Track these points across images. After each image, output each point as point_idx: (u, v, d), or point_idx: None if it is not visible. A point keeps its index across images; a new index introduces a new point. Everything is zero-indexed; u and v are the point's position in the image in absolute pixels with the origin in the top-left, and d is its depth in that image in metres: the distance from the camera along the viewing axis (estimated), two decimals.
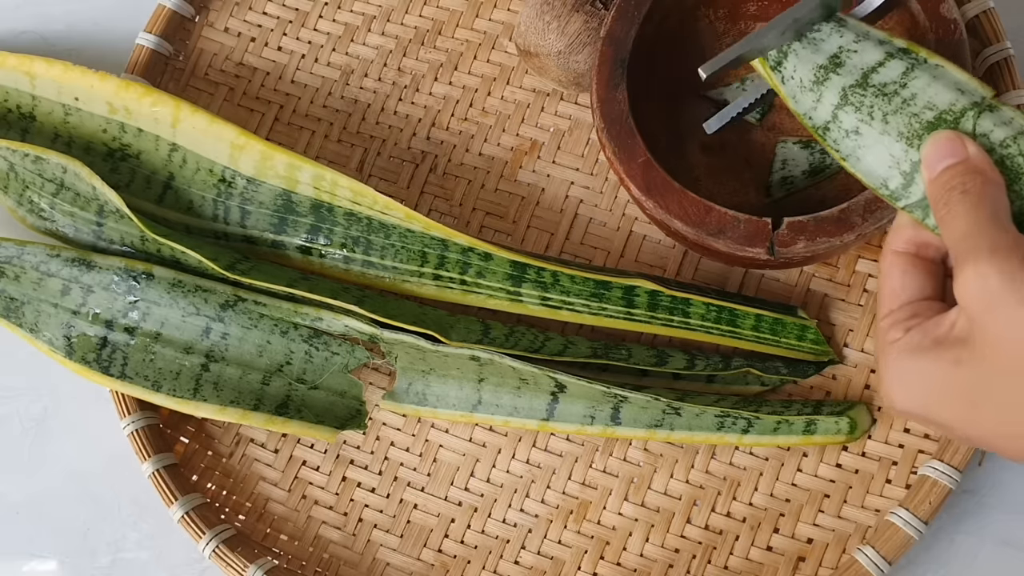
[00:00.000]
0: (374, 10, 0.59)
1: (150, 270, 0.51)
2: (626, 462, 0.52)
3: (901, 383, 0.36)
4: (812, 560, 0.49)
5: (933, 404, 0.35)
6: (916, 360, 0.35)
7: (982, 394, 0.34)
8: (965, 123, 0.37)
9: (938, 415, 0.35)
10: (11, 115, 0.54)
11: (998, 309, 0.32)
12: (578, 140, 0.56)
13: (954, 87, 0.38)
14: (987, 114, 0.36)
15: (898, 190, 0.38)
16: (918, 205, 0.37)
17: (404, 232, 0.51)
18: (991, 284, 0.32)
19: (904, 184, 0.38)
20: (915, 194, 0.37)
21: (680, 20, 0.52)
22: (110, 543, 0.55)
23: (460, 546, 0.52)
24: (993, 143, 0.36)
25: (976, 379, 0.34)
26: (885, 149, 0.38)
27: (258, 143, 0.51)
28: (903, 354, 0.36)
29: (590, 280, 0.50)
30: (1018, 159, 0.36)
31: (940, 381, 0.35)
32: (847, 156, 0.39)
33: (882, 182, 0.38)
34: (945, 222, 0.35)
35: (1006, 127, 0.36)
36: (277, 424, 0.51)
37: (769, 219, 0.44)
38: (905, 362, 0.36)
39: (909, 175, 0.37)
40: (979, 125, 0.36)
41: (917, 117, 0.37)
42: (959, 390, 0.34)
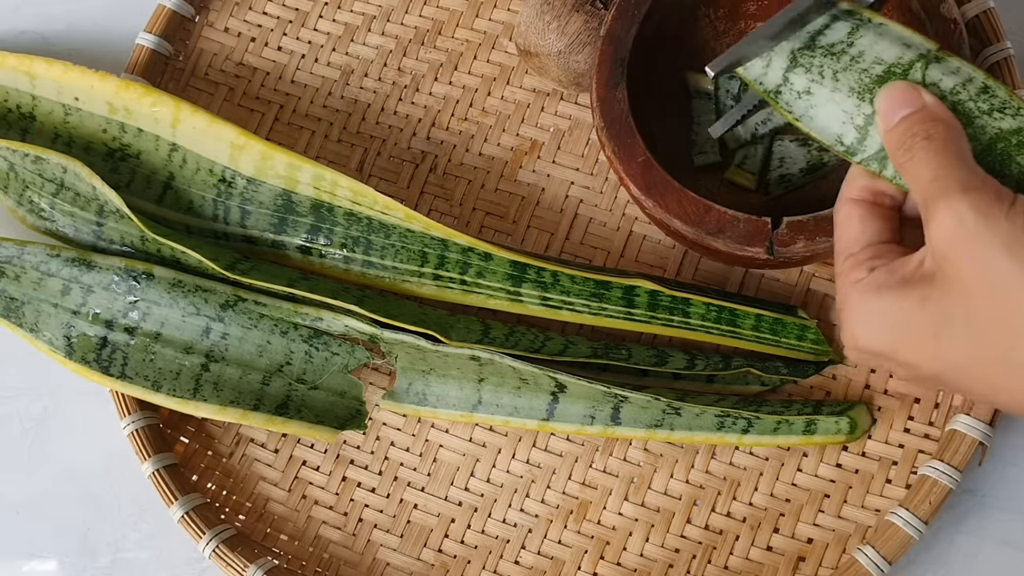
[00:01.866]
0: (374, 10, 0.59)
1: (150, 270, 0.51)
2: (626, 462, 0.52)
3: (865, 322, 0.36)
4: (812, 560, 0.49)
5: (898, 341, 0.35)
6: (881, 298, 0.35)
7: (947, 330, 0.34)
8: (914, 75, 0.37)
9: (903, 353, 0.35)
10: (11, 115, 0.54)
11: (972, 247, 0.33)
12: (578, 140, 0.56)
13: (900, 42, 0.39)
14: (934, 65, 0.37)
15: (854, 144, 0.38)
16: (874, 158, 0.38)
17: (404, 232, 0.51)
18: (966, 222, 0.33)
19: (859, 138, 0.38)
20: (871, 147, 0.38)
21: (680, 20, 0.52)
22: (110, 543, 0.55)
23: (460, 546, 0.52)
24: (944, 91, 0.37)
25: (942, 315, 0.34)
26: (837, 106, 0.39)
27: (258, 143, 0.51)
28: (868, 293, 0.36)
29: (590, 280, 0.50)
30: (969, 104, 0.37)
31: (906, 318, 0.35)
32: (800, 116, 0.40)
33: (837, 138, 0.39)
34: (908, 169, 0.35)
35: (954, 76, 0.37)
36: (277, 424, 0.51)
37: (768, 218, 0.44)
38: (870, 300, 0.36)
39: (863, 128, 0.38)
40: (928, 76, 0.37)
41: (867, 72, 0.38)
42: (925, 327, 0.34)
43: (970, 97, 0.37)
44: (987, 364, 0.33)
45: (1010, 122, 0.37)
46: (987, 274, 0.32)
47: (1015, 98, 0.37)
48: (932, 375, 0.35)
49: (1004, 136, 0.36)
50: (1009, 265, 0.32)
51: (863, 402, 0.51)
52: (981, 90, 0.37)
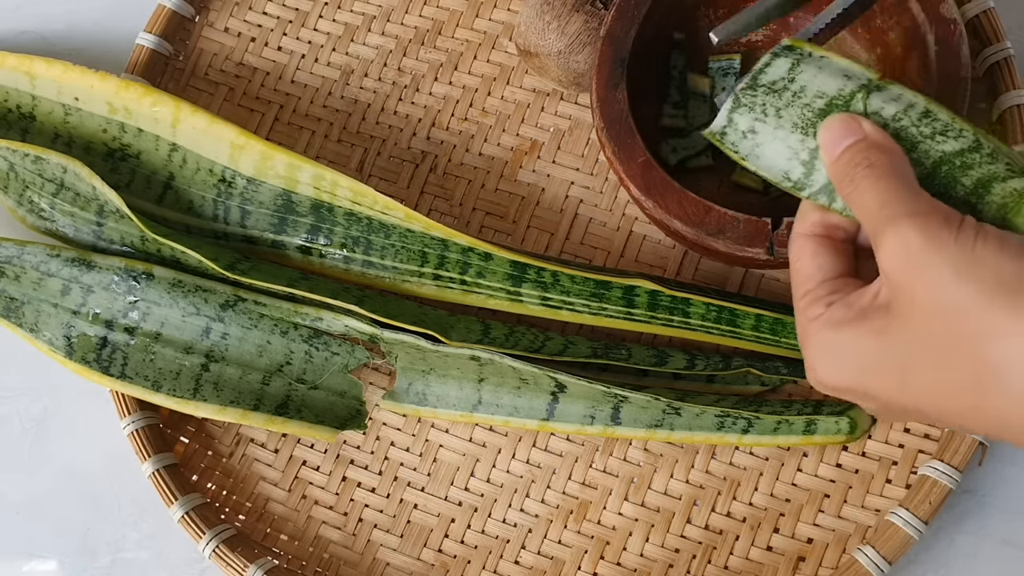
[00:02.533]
0: (374, 10, 0.59)
1: (150, 270, 0.51)
2: (626, 462, 0.52)
3: (828, 358, 0.36)
4: (812, 560, 0.49)
5: (863, 375, 0.35)
6: (841, 333, 0.35)
7: (909, 359, 0.33)
8: (856, 105, 0.38)
9: (868, 386, 0.35)
10: (11, 115, 0.54)
11: (922, 271, 0.32)
12: (578, 140, 0.56)
13: (840, 74, 0.38)
14: (876, 94, 0.37)
15: (801, 179, 0.38)
16: (823, 191, 0.38)
17: (404, 232, 0.51)
18: (913, 247, 0.32)
19: (806, 173, 0.38)
20: (818, 181, 0.38)
21: (680, 20, 0.52)
22: (110, 543, 0.55)
23: (460, 546, 0.52)
24: (886, 119, 0.37)
25: (903, 345, 0.33)
26: (782, 143, 0.39)
27: (258, 143, 0.51)
28: (827, 329, 0.36)
29: (590, 280, 0.50)
30: (912, 129, 0.37)
31: (867, 351, 0.34)
32: (747, 156, 0.40)
33: (784, 175, 0.39)
34: (854, 198, 0.35)
35: (895, 103, 0.37)
36: (277, 424, 0.51)
37: (769, 219, 0.44)
38: (830, 336, 0.35)
39: (810, 163, 0.38)
40: (869, 105, 0.37)
41: (809, 107, 0.38)
42: (886, 359, 0.34)
43: (912, 123, 0.37)
44: (953, 389, 0.33)
45: (953, 144, 0.36)
46: (939, 299, 0.32)
47: (957, 120, 0.37)
48: (901, 407, 0.35)
49: (948, 159, 0.36)
50: (960, 290, 0.32)
51: None
52: (923, 114, 0.37)
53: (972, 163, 0.36)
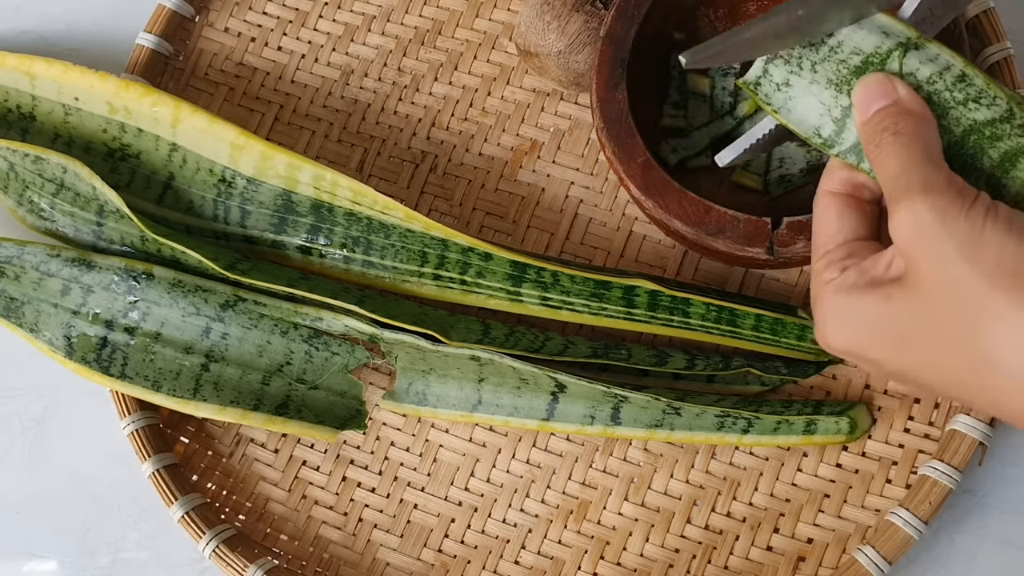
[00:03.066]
0: (374, 10, 0.59)
1: (150, 270, 0.51)
2: (626, 462, 0.52)
3: (835, 321, 0.37)
4: (812, 560, 0.49)
5: (865, 340, 0.36)
6: (850, 298, 0.36)
7: (909, 329, 0.34)
8: (891, 64, 0.37)
9: (869, 351, 0.36)
10: (11, 115, 0.54)
11: (930, 245, 0.33)
12: (578, 140, 0.56)
13: (879, 31, 0.38)
14: (913, 52, 0.37)
15: (831, 137, 0.38)
16: (852, 150, 0.38)
17: (404, 232, 0.51)
18: (924, 221, 0.33)
19: (837, 131, 0.38)
20: (848, 140, 0.38)
21: (680, 20, 0.52)
22: (110, 543, 0.55)
23: (460, 546, 0.52)
24: (920, 80, 0.37)
25: (904, 315, 0.34)
26: (815, 98, 0.38)
27: (258, 143, 0.51)
28: (838, 293, 0.36)
29: (590, 280, 0.50)
30: (944, 94, 0.36)
31: (871, 318, 0.35)
32: (779, 108, 0.39)
33: (815, 130, 0.39)
34: (878, 163, 0.36)
35: (932, 64, 0.37)
36: (277, 424, 0.51)
37: (769, 219, 0.44)
38: (840, 301, 0.36)
39: (841, 121, 0.38)
40: (905, 64, 0.37)
41: (845, 63, 0.38)
42: (888, 326, 0.35)
43: (946, 87, 0.36)
44: (949, 363, 0.33)
45: (985, 113, 0.36)
46: (943, 275, 0.32)
47: (992, 86, 0.36)
48: (899, 373, 0.36)
49: (977, 128, 0.36)
50: (962, 268, 0.32)
51: (863, 402, 0.51)
52: (958, 78, 0.37)
53: (1002, 134, 0.36)
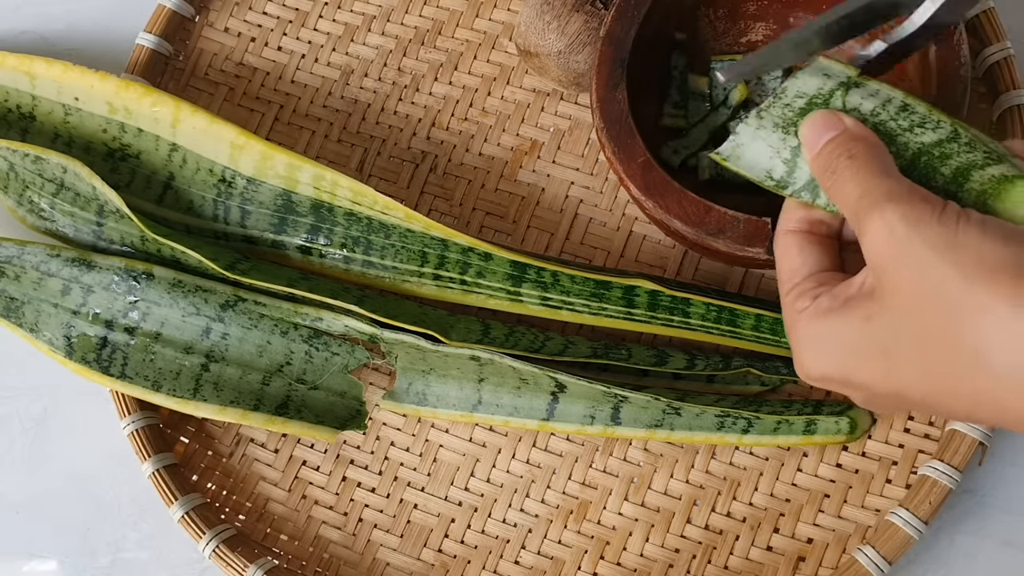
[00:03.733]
0: (374, 10, 0.59)
1: (150, 270, 0.51)
2: (626, 462, 0.52)
3: (814, 349, 0.36)
4: (812, 560, 0.49)
5: (849, 364, 0.35)
6: (827, 323, 0.35)
7: (893, 343, 0.33)
8: (835, 102, 0.38)
9: (855, 375, 0.35)
10: (11, 115, 0.54)
11: (905, 253, 0.32)
12: (578, 140, 0.56)
13: (820, 73, 0.39)
14: (854, 90, 0.38)
15: (783, 178, 0.39)
16: (806, 188, 0.38)
17: (404, 232, 0.51)
18: (897, 230, 0.33)
19: (788, 171, 0.39)
20: (801, 178, 0.39)
21: (680, 20, 0.52)
22: (110, 543, 0.55)
23: (460, 546, 0.52)
24: (864, 114, 0.38)
25: (886, 329, 0.34)
26: (763, 142, 0.39)
27: (258, 143, 0.51)
28: (813, 320, 0.36)
29: (590, 280, 0.50)
30: (890, 123, 0.37)
31: (853, 339, 0.34)
32: (728, 157, 0.40)
33: (766, 174, 0.39)
34: (836, 189, 0.36)
35: (873, 98, 0.38)
36: (277, 424, 0.51)
37: (768, 219, 0.44)
38: (816, 327, 0.36)
39: (791, 161, 0.39)
40: (848, 101, 0.38)
41: (789, 107, 0.39)
42: (872, 345, 0.34)
43: (891, 116, 0.37)
44: (937, 371, 0.33)
45: (931, 135, 0.37)
46: (923, 281, 0.32)
47: (935, 112, 0.37)
48: (888, 394, 0.35)
49: (927, 150, 0.37)
50: (944, 271, 0.32)
51: None
52: (901, 108, 0.38)
53: (951, 152, 0.36)
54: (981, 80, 0.53)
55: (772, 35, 0.53)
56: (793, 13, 0.52)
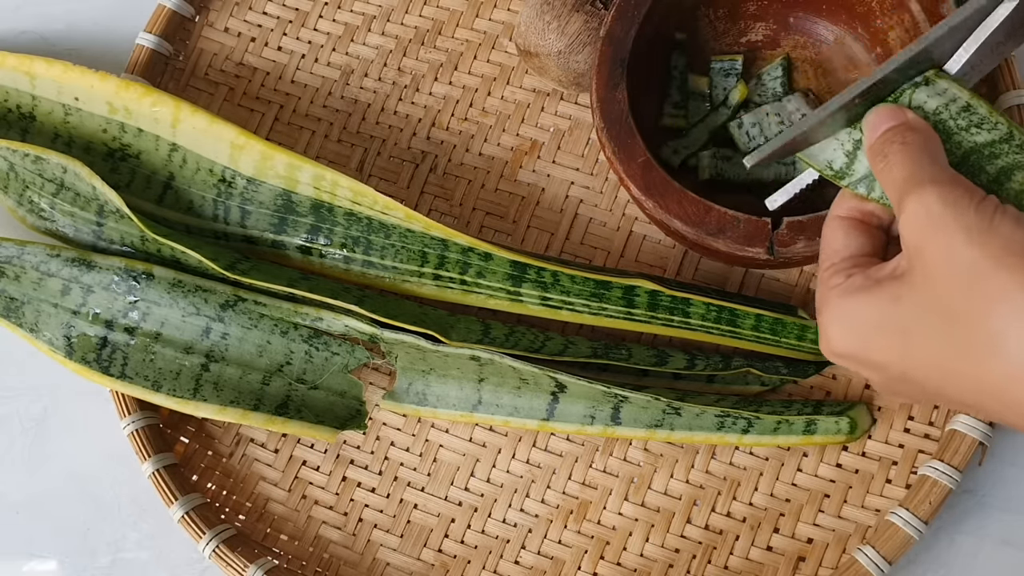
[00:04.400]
0: (374, 10, 0.59)
1: (150, 270, 0.51)
2: (626, 462, 0.52)
3: (839, 324, 0.37)
4: (812, 560, 0.49)
5: (869, 341, 0.36)
6: (855, 299, 0.36)
7: (914, 324, 0.34)
8: (902, 99, 0.39)
9: (873, 352, 0.36)
10: (11, 115, 0.54)
11: (937, 233, 0.33)
12: (578, 140, 0.56)
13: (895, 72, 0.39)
14: (922, 88, 0.39)
15: (842, 169, 0.40)
16: (862, 181, 0.39)
17: (404, 232, 0.51)
18: (933, 211, 0.33)
19: (848, 163, 0.40)
20: (859, 171, 0.39)
21: (680, 20, 0.52)
22: (110, 543, 0.55)
23: (460, 546, 0.52)
24: (927, 112, 0.38)
25: (909, 309, 0.34)
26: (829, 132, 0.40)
27: (258, 143, 0.51)
28: (843, 296, 0.36)
29: (590, 280, 0.50)
30: (949, 122, 0.38)
31: (877, 317, 0.35)
32: None
33: (827, 163, 0.40)
34: (885, 173, 0.36)
35: (939, 97, 0.39)
36: (277, 424, 0.51)
37: (769, 219, 0.44)
38: (845, 303, 0.36)
39: (852, 154, 0.40)
40: (914, 99, 0.39)
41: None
42: (894, 324, 0.35)
43: (951, 116, 0.38)
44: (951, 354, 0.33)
45: (985, 136, 0.38)
46: (951, 262, 0.32)
47: (995, 115, 0.38)
48: (900, 376, 0.35)
49: (978, 149, 0.38)
50: (972, 252, 0.32)
51: (863, 402, 0.51)
52: (963, 108, 0.38)
53: (1000, 153, 0.37)
54: (981, 80, 0.53)
55: (772, 35, 0.53)
56: (793, 13, 0.52)
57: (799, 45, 0.52)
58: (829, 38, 0.52)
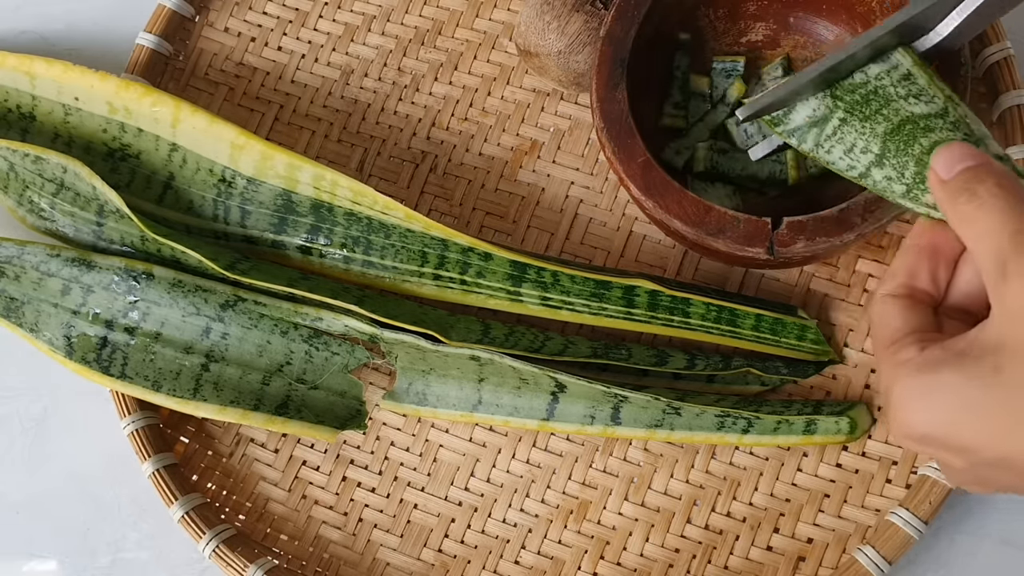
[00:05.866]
0: (374, 10, 0.59)
1: (150, 270, 0.51)
2: (626, 462, 0.52)
3: (920, 402, 0.32)
4: (812, 560, 0.49)
5: (961, 420, 0.31)
6: (939, 375, 0.32)
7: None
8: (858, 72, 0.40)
9: (965, 433, 0.32)
10: (11, 115, 0.54)
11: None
12: (578, 140, 0.56)
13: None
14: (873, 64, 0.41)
15: (779, 116, 0.42)
16: (795, 132, 0.41)
17: (404, 232, 0.51)
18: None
19: (786, 112, 0.41)
20: (794, 120, 0.41)
21: (680, 20, 0.52)
22: (110, 543, 0.55)
23: (460, 546, 0.52)
24: (869, 76, 0.40)
25: (1020, 385, 0.30)
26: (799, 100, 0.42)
27: (258, 143, 0.51)
28: (922, 371, 0.32)
29: (590, 280, 0.50)
30: (889, 88, 0.40)
31: (971, 393, 0.31)
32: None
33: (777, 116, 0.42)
34: (973, 217, 0.33)
35: (883, 63, 0.40)
36: (277, 424, 0.51)
37: (769, 219, 0.44)
38: (925, 379, 0.32)
39: (793, 106, 0.41)
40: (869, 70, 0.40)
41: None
42: (997, 400, 0.31)
43: (892, 83, 0.40)
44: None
45: (923, 108, 0.39)
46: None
47: (933, 87, 0.39)
48: (998, 459, 0.31)
49: (914, 119, 0.39)
50: None
51: (863, 402, 0.51)
52: (903, 76, 0.40)
53: (934, 127, 0.38)
54: (981, 80, 0.53)
55: (772, 35, 0.53)
56: (793, 13, 0.52)
57: (799, 45, 0.52)
58: (829, 38, 0.52)
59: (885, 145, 0.39)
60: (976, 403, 0.31)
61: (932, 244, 0.37)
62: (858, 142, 0.40)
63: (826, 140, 0.41)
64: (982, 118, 0.53)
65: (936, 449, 0.33)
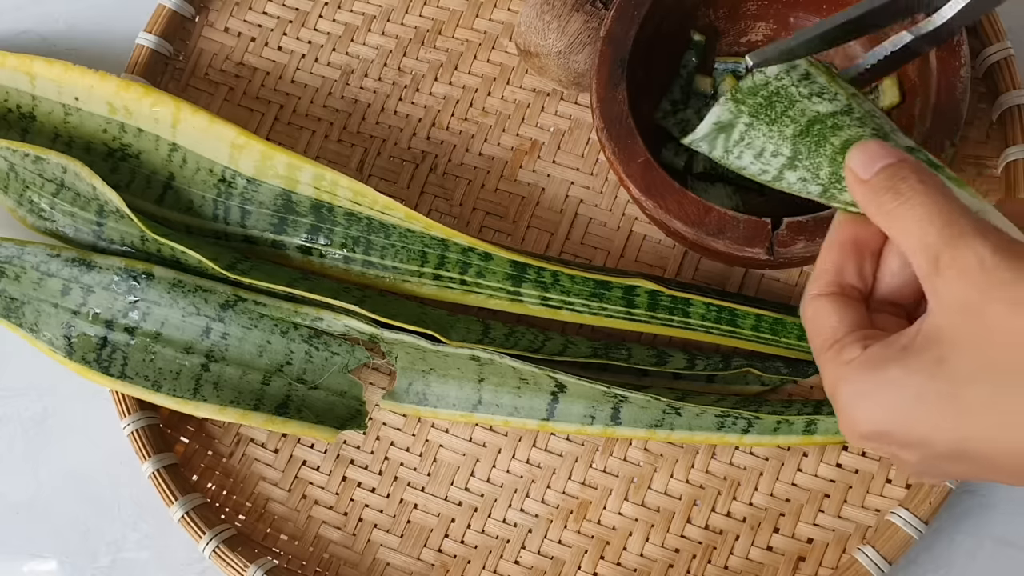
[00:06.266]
0: (374, 10, 0.59)
1: (150, 270, 0.51)
2: (626, 462, 0.52)
3: (867, 400, 0.33)
4: (812, 560, 0.49)
5: (911, 414, 0.32)
6: (883, 371, 0.32)
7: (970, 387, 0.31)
8: (745, 62, 0.40)
9: (917, 426, 0.32)
10: (11, 115, 0.54)
11: (997, 289, 0.30)
12: (578, 140, 0.56)
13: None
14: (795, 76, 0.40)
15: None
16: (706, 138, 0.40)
17: (404, 232, 0.51)
18: (988, 264, 0.30)
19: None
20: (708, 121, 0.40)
21: (680, 20, 0.52)
22: (110, 543, 0.55)
23: (460, 546, 0.52)
24: (769, 76, 0.40)
25: (963, 373, 0.31)
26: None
27: (258, 143, 0.51)
28: (865, 369, 0.33)
29: (590, 280, 0.50)
30: (791, 88, 0.39)
31: (917, 385, 0.31)
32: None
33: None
34: (900, 214, 0.33)
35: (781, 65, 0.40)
36: (277, 424, 0.51)
37: (768, 219, 0.44)
38: (870, 377, 0.32)
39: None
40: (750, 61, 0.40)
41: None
42: (941, 390, 0.31)
43: (792, 83, 0.39)
44: (1021, 423, 0.30)
45: (827, 106, 0.39)
46: (1017, 320, 0.30)
47: (834, 85, 0.39)
48: (950, 450, 0.32)
49: (821, 119, 0.38)
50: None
51: None
52: (803, 76, 0.39)
53: (842, 125, 0.38)
54: (981, 80, 0.53)
55: (772, 35, 0.53)
56: (794, 13, 0.52)
57: None
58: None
59: (796, 147, 0.38)
60: (924, 396, 0.31)
61: (854, 238, 0.36)
62: (767, 146, 0.39)
63: (734, 146, 0.40)
64: (982, 118, 0.53)
65: (889, 445, 0.33)
